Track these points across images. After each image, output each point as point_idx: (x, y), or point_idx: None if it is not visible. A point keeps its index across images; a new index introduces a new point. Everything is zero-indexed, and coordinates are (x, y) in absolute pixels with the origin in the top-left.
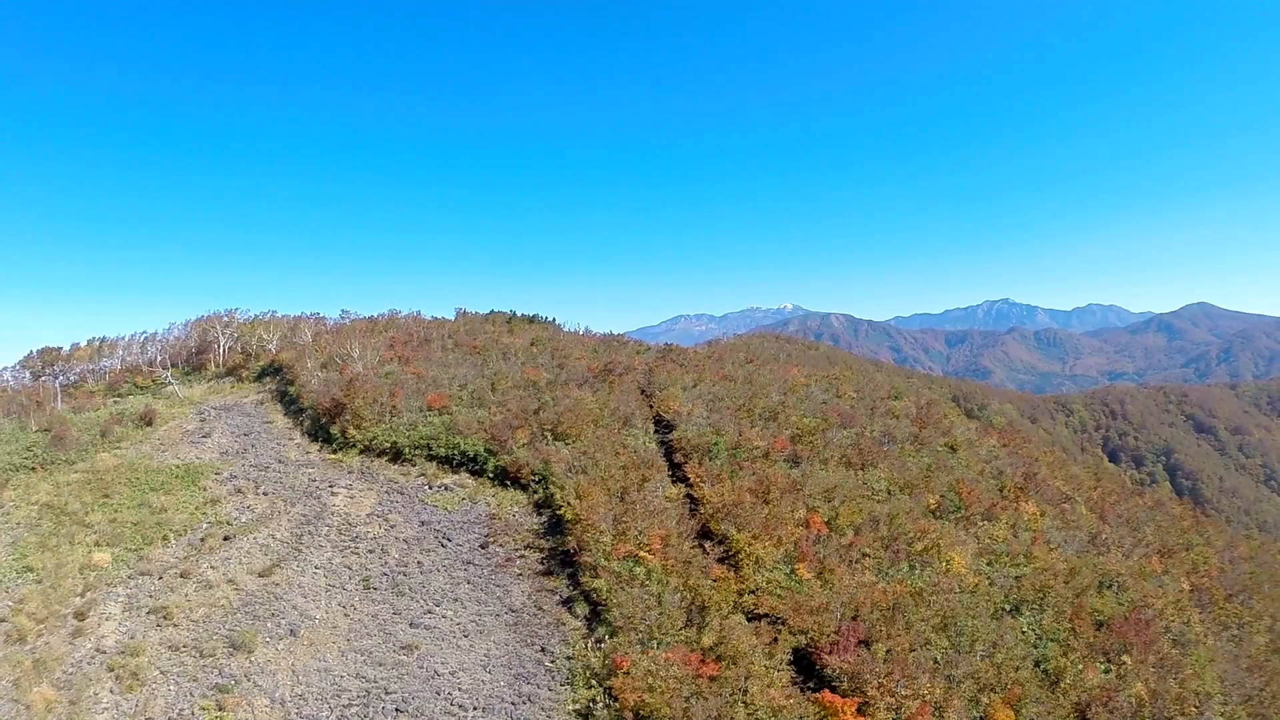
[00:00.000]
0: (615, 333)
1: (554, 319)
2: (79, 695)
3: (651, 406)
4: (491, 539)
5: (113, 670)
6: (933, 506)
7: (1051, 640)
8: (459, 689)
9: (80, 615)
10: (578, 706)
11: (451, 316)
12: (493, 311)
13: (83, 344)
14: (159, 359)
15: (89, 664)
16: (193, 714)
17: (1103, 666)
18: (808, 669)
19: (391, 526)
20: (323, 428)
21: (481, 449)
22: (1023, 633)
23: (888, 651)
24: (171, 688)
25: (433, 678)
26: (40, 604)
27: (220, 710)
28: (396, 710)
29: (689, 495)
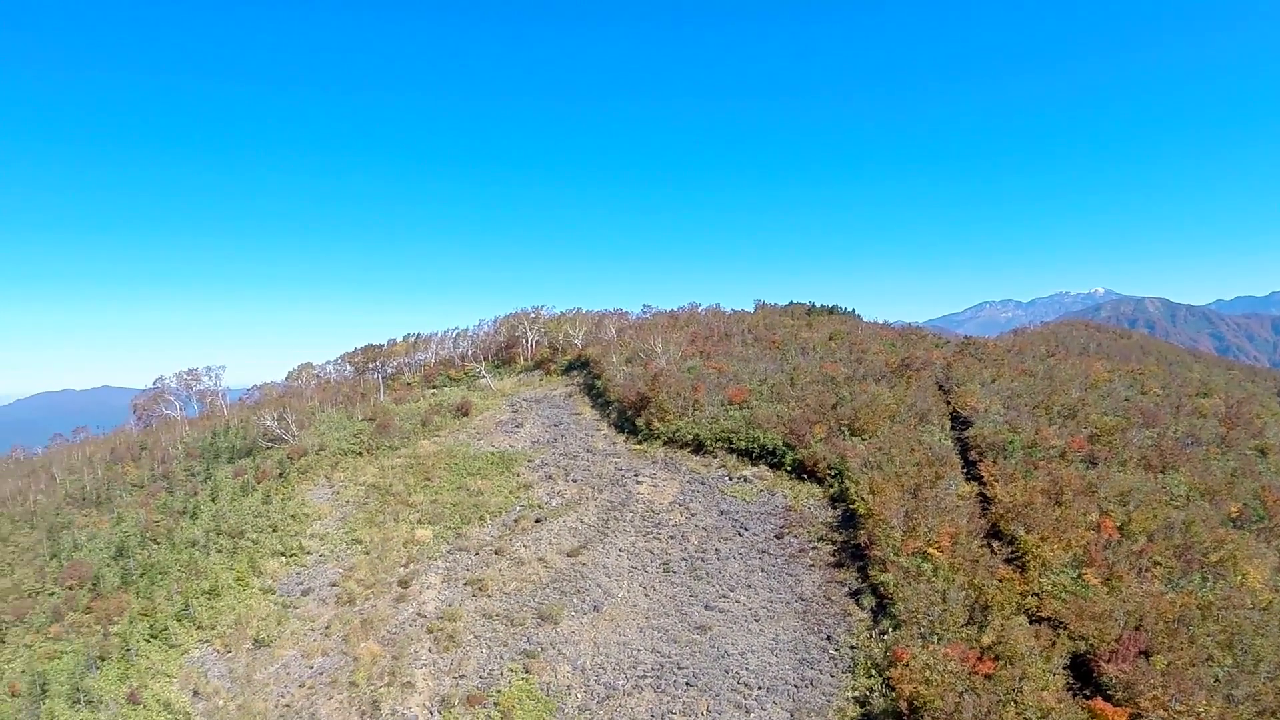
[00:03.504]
0: (915, 323)
1: (853, 310)
2: (401, 652)
3: (948, 402)
4: (786, 530)
5: (431, 632)
6: (1233, 515)
7: None
8: (746, 669)
9: (404, 583)
10: (856, 694)
11: (750, 309)
12: (791, 303)
13: (399, 339)
14: (470, 353)
15: (410, 626)
16: (501, 674)
17: None
18: (1084, 675)
19: (692, 514)
20: (628, 420)
21: (780, 443)
22: None
23: (1167, 664)
24: (483, 650)
25: (723, 657)
26: (368, 572)
27: (526, 673)
28: (687, 684)
29: (981, 494)
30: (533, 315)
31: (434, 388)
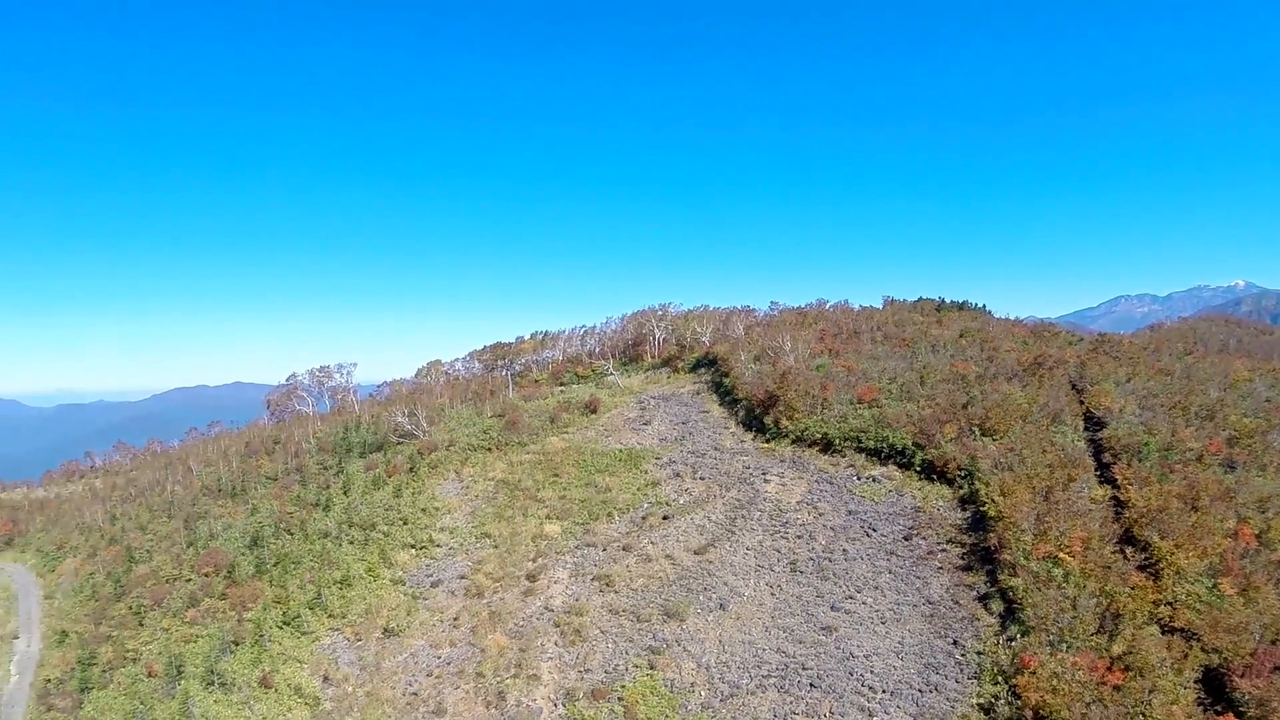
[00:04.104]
0: (1047, 319)
1: (983, 305)
2: (528, 644)
3: (1082, 402)
4: (915, 531)
5: (558, 626)
6: None
7: None
8: (871, 672)
9: (531, 577)
10: (981, 701)
11: (879, 305)
12: (920, 299)
13: (527, 337)
14: (597, 350)
15: (538, 619)
16: (626, 670)
17: None
18: (1216, 690)
19: (820, 514)
20: (756, 418)
21: (909, 442)
22: None
23: None
24: (609, 645)
25: (848, 659)
26: (496, 566)
27: (651, 669)
28: (810, 685)
29: (1114, 497)
30: (660, 313)
31: (562, 385)
